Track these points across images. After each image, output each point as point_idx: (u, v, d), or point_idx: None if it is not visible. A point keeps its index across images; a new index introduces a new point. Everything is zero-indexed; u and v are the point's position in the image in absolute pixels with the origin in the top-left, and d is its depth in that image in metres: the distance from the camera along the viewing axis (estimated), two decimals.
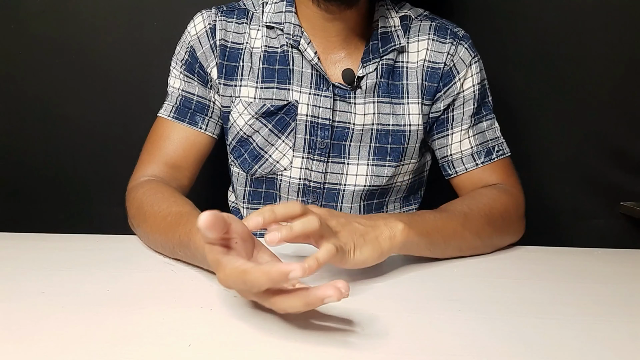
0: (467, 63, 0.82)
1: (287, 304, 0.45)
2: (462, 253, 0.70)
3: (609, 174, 1.15)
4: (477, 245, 0.71)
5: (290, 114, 0.80)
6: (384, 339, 0.48)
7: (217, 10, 0.82)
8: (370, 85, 0.80)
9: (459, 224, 0.68)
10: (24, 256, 0.66)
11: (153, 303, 0.53)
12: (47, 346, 0.45)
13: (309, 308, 0.45)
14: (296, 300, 0.45)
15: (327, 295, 0.43)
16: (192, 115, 0.82)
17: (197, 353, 0.44)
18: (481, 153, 0.83)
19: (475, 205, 0.73)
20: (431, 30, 0.82)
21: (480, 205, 0.73)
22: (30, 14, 1.06)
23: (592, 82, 1.10)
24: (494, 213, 0.73)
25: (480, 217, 0.71)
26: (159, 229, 0.65)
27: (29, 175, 1.13)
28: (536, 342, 0.48)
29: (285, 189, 0.83)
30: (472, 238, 0.69)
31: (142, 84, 1.08)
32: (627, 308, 0.57)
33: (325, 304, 0.44)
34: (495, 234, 0.73)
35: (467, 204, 0.73)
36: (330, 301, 0.44)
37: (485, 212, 0.72)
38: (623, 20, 1.07)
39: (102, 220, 1.12)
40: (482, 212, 0.72)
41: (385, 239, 0.59)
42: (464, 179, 0.84)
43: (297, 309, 0.45)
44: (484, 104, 0.84)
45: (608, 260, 0.73)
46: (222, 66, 0.81)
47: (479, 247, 0.71)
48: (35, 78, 1.08)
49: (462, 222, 0.69)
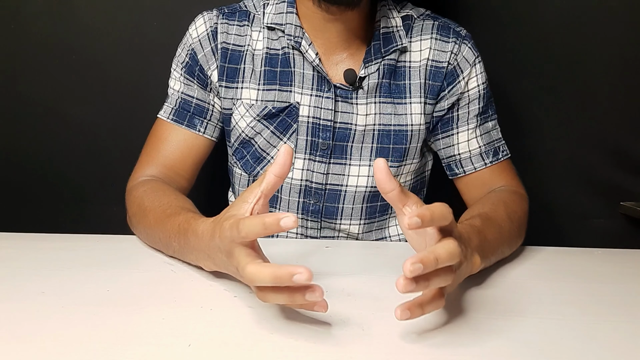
0: (470, 62, 0.82)
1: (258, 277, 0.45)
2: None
3: (609, 174, 1.15)
4: (505, 255, 0.70)
5: (292, 115, 0.80)
6: (384, 339, 0.47)
7: (218, 12, 0.82)
8: (372, 85, 0.80)
9: (501, 243, 0.66)
10: (24, 256, 0.66)
11: (153, 303, 0.53)
12: (47, 346, 0.45)
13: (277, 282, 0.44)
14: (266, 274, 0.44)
15: (297, 272, 0.43)
16: (191, 118, 0.82)
17: (197, 353, 0.44)
18: (489, 153, 0.84)
19: (510, 217, 0.71)
20: (434, 30, 0.82)
21: (516, 216, 0.72)
22: (30, 14, 1.06)
23: (593, 82, 1.10)
24: (522, 223, 0.74)
25: (512, 232, 0.70)
26: (158, 221, 0.65)
27: (29, 175, 1.14)
28: (536, 342, 0.48)
29: (286, 190, 0.83)
30: (505, 250, 0.68)
31: (142, 84, 1.08)
32: (627, 308, 0.57)
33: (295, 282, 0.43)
34: (519, 240, 0.73)
35: (507, 215, 0.70)
36: (298, 279, 0.42)
37: (516, 225, 0.72)
38: (623, 20, 1.07)
39: (102, 220, 1.12)
40: (515, 224, 0.71)
41: (466, 275, 0.55)
42: (472, 179, 0.84)
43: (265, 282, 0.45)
44: (490, 104, 0.85)
45: (608, 260, 0.73)
46: (223, 69, 0.81)
47: (506, 255, 0.70)
48: (35, 78, 1.09)
49: (505, 240, 0.67)
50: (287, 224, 0.43)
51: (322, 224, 0.84)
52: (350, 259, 0.71)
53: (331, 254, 0.71)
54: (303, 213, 0.83)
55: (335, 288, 0.58)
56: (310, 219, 0.83)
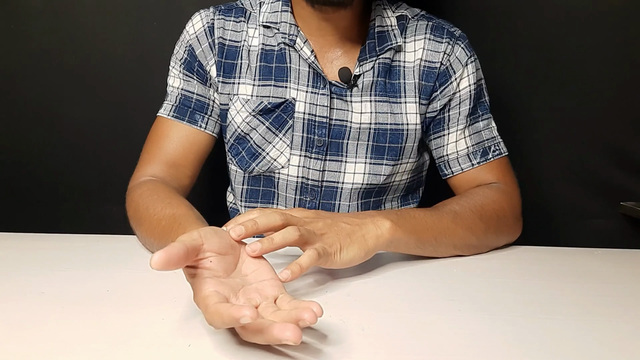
0: (463, 63, 0.82)
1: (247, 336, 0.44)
2: (457, 251, 0.70)
3: (609, 174, 1.15)
4: (472, 243, 0.71)
5: (287, 111, 0.80)
6: (384, 339, 0.48)
7: (215, 9, 0.83)
8: (367, 83, 0.80)
9: (449, 221, 0.69)
10: (24, 256, 0.66)
11: (153, 303, 0.53)
12: (47, 346, 0.45)
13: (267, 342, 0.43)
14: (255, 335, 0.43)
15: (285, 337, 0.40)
16: (192, 114, 0.82)
17: (197, 353, 0.44)
18: (477, 153, 0.83)
19: (467, 202, 0.74)
20: (428, 30, 0.82)
21: (472, 202, 0.74)
22: (30, 14, 1.06)
23: (592, 82, 1.10)
24: (487, 210, 0.74)
25: (472, 213, 0.72)
26: (153, 234, 0.65)
27: (29, 175, 1.13)
28: (536, 342, 0.48)
29: (283, 187, 0.83)
30: (465, 234, 0.69)
31: (141, 83, 1.08)
32: (627, 308, 0.57)
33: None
34: (489, 231, 0.73)
35: (459, 202, 0.74)
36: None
37: (477, 208, 0.73)
38: (623, 20, 1.07)
39: (102, 220, 1.12)
40: (474, 208, 0.73)
41: (372, 238, 0.61)
42: (460, 179, 0.84)
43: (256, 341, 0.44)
44: (480, 104, 0.84)
45: (608, 260, 0.73)
46: (220, 64, 0.81)
47: (474, 244, 0.71)
48: (35, 78, 1.08)
49: (452, 218, 0.69)
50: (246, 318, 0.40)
51: None
52: None
53: None
54: None
55: (335, 288, 0.58)
56: None
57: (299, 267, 0.51)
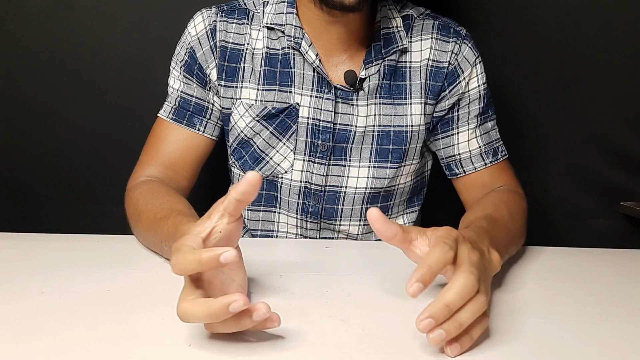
0: (471, 62, 0.82)
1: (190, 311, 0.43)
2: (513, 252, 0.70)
3: (609, 174, 1.15)
4: (513, 254, 0.69)
5: (291, 116, 0.80)
6: (384, 339, 0.47)
7: (217, 9, 0.82)
8: (372, 86, 0.80)
9: (512, 241, 0.67)
10: (24, 256, 0.66)
11: (153, 303, 0.53)
12: (47, 346, 0.45)
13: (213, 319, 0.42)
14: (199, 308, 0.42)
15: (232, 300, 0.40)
16: (190, 117, 0.82)
17: (197, 353, 0.44)
18: (489, 153, 0.84)
19: (517, 215, 0.72)
20: (434, 29, 0.82)
21: (518, 217, 0.73)
22: (30, 14, 1.06)
23: (592, 82, 1.10)
24: (524, 222, 0.74)
25: (518, 229, 0.71)
26: (150, 225, 0.65)
27: (29, 175, 1.13)
28: (536, 342, 0.48)
29: (286, 191, 0.83)
30: (514, 249, 0.69)
31: (142, 83, 1.08)
32: (627, 308, 0.57)
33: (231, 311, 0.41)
34: (523, 239, 0.73)
35: (512, 215, 0.71)
36: (235, 308, 0.41)
37: (522, 222, 0.73)
38: (623, 21, 1.07)
39: (102, 220, 1.12)
40: (518, 224, 0.72)
41: (490, 276, 0.54)
42: (472, 179, 0.84)
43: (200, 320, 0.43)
44: (489, 104, 0.85)
45: (608, 260, 0.73)
46: (222, 67, 0.80)
47: (513, 254, 0.69)
48: (35, 78, 1.08)
49: (513, 239, 0.68)
50: (228, 258, 0.41)
51: (321, 225, 0.84)
52: (350, 259, 0.71)
53: (331, 254, 0.71)
54: (302, 214, 0.83)
55: (335, 288, 0.58)
56: (309, 220, 0.83)
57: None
